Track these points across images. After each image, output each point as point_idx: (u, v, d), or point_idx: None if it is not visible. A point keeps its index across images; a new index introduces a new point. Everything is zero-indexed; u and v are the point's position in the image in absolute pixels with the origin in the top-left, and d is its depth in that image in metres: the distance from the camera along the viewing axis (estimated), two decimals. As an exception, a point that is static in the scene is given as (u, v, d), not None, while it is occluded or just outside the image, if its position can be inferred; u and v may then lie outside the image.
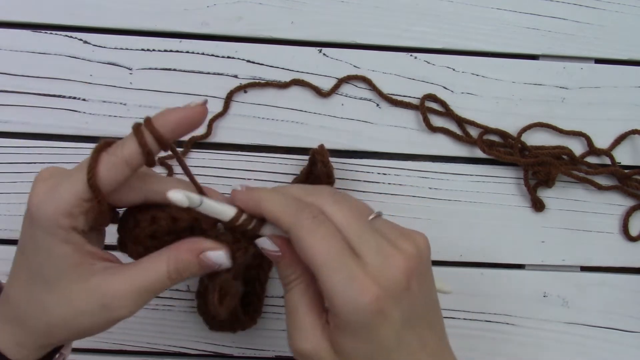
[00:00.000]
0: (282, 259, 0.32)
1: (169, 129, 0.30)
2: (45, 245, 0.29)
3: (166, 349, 0.51)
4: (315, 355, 0.31)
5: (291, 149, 0.52)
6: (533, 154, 0.52)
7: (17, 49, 0.51)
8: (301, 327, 0.31)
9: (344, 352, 0.30)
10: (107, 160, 0.29)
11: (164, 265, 0.31)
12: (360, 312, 0.28)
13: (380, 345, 0.29)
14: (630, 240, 0.53)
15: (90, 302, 0.30)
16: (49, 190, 0.29)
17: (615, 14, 0.54)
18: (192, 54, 0.51)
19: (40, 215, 0.29)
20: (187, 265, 0.32)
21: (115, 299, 0.30)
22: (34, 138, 0.50)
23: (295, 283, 0.32)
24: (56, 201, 0.29)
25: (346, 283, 0.28)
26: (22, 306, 0.31)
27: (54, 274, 0.30)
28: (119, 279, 0.31)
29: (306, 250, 0.29)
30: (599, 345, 0.52)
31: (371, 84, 0.52)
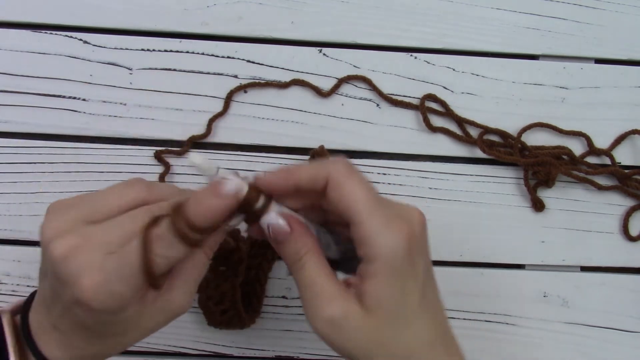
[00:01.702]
0: (291, 234, 0.32)
1: (206, 220, 0.30)
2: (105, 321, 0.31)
3: (166, 348, 0.51)
4: (345, 318, 0.31)
5: (291, 149, 0.52)
6: (533, 154, 0.52)
7: (17, 49, 0.51)
8: (326, 295, 0.31)
9: (373, 304, 0.31)
10: (158, 262, 0.30)
11: (202, 254, 0.33)
12: (398, 249, 0.30)
13: (410, 290, 0.31)
14: (630, 240, 0.53)
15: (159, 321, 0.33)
16: (105, 291, 0.29)
17: (615, 14, 0.54)
18: (192, 54, 0.51)
19: (106, 309, 0.29)
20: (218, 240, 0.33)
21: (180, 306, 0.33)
22: (34, 138, 0.50)
23: (309, 255, 0.32)
24: (118, 301, 0.30)
25: (384, 224, 0.30)
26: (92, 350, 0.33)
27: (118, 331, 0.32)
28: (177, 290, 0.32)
29: (348, 193, 0.30)
30: (599, 345, 0.52)
31: (371, 84, 0.52)
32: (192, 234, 0.29)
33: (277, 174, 0.32)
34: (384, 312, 0.31)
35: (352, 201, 0.30)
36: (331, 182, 0.31)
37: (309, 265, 0.32)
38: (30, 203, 0.50)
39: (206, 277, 0.47)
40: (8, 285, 0.50)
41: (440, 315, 0.34)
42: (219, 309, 0.47)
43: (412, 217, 0.32)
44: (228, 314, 0.48)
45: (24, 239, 0.50)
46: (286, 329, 0.51)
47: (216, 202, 0.30)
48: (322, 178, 0.31)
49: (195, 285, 0.33)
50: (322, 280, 0.32)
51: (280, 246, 0.33)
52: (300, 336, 0.51)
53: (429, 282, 0.33)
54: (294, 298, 0.51)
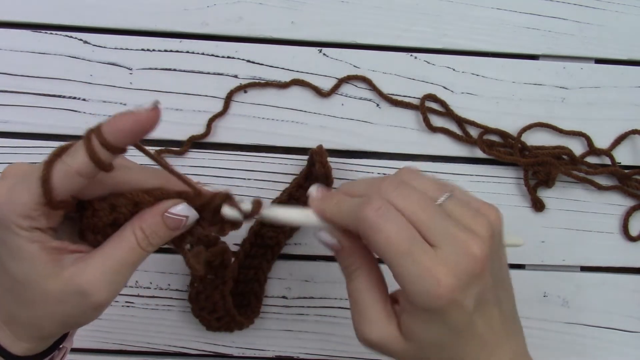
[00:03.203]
0: (342, 251, 0.33)
1: (120, 136, 0.29)
2: (14, 246, 0.29)
3: (166, 349, 0.51)
4: (384, 344, 0.31)
5: (291, 149, 0.52)
6: (533, 154, 0.52)
7: (17, 49, 0.51)
8: (367, 317, 0.32)
9: (413, 337, 0.31)
10: (60, 169, 0.29)
11: (131, 236, 0.31)
12: (434, 301, 0.28)
13: (452, 329, 0.30)
14: (630, 240, 0.53)
15: (67, 294, 0.30)
16: (8, 192, 0.29)
17: (615, 14, 0.54)
18: (192, 54, 0.51)
19: (3, 218, 0.29)
20: (155, 229, 0.31)
21: (91, 284, 0.30)
22: (34, 138, 0.50)
23: (357, 273, 0.33)
24: (14, 204, 0.29)
25: (421, 274, 0.28)
26: (8, 305, 0.31)
27: (28, 272, 0.30)
28: (90, 265, 0.30)
29: (376, 244, 0.29)
30: (599, 345, 0.52)
31: (371, 84, 0.52)
32: (99, 149, 0.28)
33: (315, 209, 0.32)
34: (419, 343, 0.31)
35: (382, 251, 0.29)
36: (362, 234, 0.30)
37: (357, 282, 0.33)
38: (30, 203, 0.50)
39: (197, 288, 0.48)
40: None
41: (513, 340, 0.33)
42: (213, 317, 0.48)
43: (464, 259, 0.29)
44: (224, 320, 0.48)
45: (24, 239, 0.50)
46: (286, 329, 0.51)
47: (132, 117, 0.28)
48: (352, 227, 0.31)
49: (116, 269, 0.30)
50: (367, 301, 0.32)
51: (336, 257, 0.33)
52: (300, 336, 0.51)
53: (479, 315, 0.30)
54: (294, 298, 0.51)
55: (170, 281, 0.51)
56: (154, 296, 0.51)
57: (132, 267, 0.31)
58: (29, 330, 0.32)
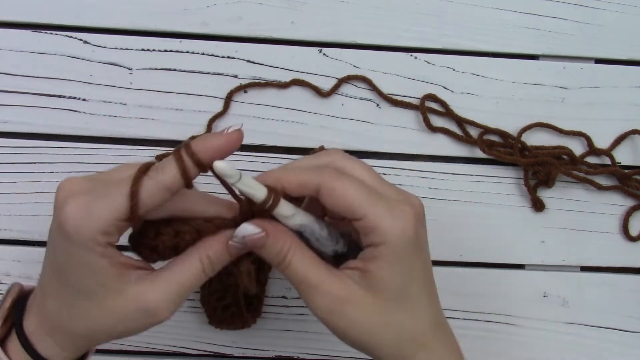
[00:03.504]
0: (268, 237, 0.32)
1: (208, 155, 0.30)
2: (83, 261, 0.30)
3: (166, 348, 0.51)
4: (347, 301, 0.31)
5: (291, 148, 0.52)
6: (533, 154, 0.52)
7: (17, 49, 0.51)
8: (323, 283, 0.32)
9: (378, 285, 0.31)
10: (148, 185, 0.30)
11: (198, 263, 0.32)
12: (404, 233, 0.31)
13: (414, 270, 0.32)
14: (630, 240, 0.53)
15: (130, 311, 0.31)
16: (86, 209, 0.30)
17: (615, 14, 0.54)
18: (192, 54, 0.51)
19: (80, 234, 0.29)
20: (219, 256, 0.33)
21: (157, 304, 0.31)
22: (34, 138, 0.50)
23: (292, 251, 0.32)
24: (95, 221, 0.29)
25: (387, 210, 0.31)
26: (63, 317, 0.32)
27: (93, 287, 0.31)
28: (157, 285, 0.32)
29: (341, 195, 0.31)
30: (599, 345, 0.52)
31: (371, 84, 0.52)
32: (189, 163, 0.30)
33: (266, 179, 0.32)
34: (389, 292, 0.31)
35: (349, 200, 0.31)
36: (323, 190, 0.31)
37: (295, 260, 0.32)
38: (30, 203, 0.50)
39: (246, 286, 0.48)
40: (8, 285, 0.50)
41: (438, 301, 0.35)
42: (220, 305, 0.47)
43: (413, 201, 0.33)
44: (230, 310, 0.48)
45: (24, 239, 0.50)
46: (286, 329, 0.51)
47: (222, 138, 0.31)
48: (311, 186, 0.31)
49: (181, 290, 0.32)
50: (314, 271, 0.32)
51: (261, 251, 0.32)
52: (300, 336, 0.51)
53: (430, 267, 0.34)
54: (294, 298, 0.51)
55: (170, 281, 0.51)
56: (154, 296, 0.51)
57: (193, 289, 0.33)
58: (79, 342, 0.33)
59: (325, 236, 0.34)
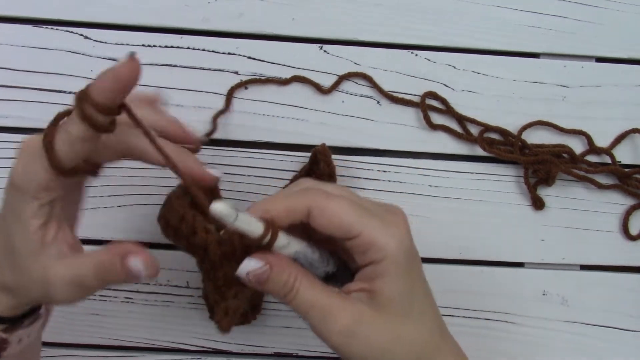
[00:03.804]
0: (272, 270, 0.31)
1: (107, 95, 0.29)
2: (19, 214, 0.31)
3: (164, 344, 0.51)
4: (359, 323, 0.31)
5: (292, 145, 0.52)
6: (533, 152, 0.51)
7: (18, 44, 0.51)
8: (333, 309, 0.31)
9: (385, 302, 0.31)
10: (62, 138, 0.30)
11: (91, 267, 0.31)
12: (402, 246, 0.31)
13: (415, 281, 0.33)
14: (630, 239, 0.53)
15: (37, 278, 0.32)
16: (24, 167, 0.30)
17: (616, 12, 0.54)
18: (193, 50, 0.51)
19: (22, 186, 0.30)
20: (110, 268, 0.31)
21: (52, 284, 0.31)
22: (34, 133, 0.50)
23: (299, 281, 0.31)
24: (30, 179, 0.30)
25: (382, 227, 0.31)
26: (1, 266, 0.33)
27: (19, 242, 0.31)
28: (58, 266, 0.32)
29: (333, 214, 0.31)
30: (599, 344, 0.52)
31: (372, 81, 0.52)
32: (91, 112, 0.29)
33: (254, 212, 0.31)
34: (396, 307, 0.31)
35: (343, 220, 0.31)
36: (314, 212, 0.31)
37: (303, 289, 0.31)
38: (29, 198, 0.50)
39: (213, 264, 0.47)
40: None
41: (437, 307, 0.35)
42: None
43: (400, 215, 0.33)
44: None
45: (24, 234, 0.50)
46: (285, 326, 0.51)
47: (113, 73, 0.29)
48: (300, 210, 0.31)
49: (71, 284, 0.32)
50: (323, 298, 0.31)
51: (267, 285, 0.31)
52: (299, 333, 0.51)
53: (424, 276, 0.34)
54: (294, 295, 0.51)
55: (170, 277, 0.51)
56: (153, 292, 0.51)
57: (87, 290, 0.32)
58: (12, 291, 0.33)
59: (317, 259, 0.33)
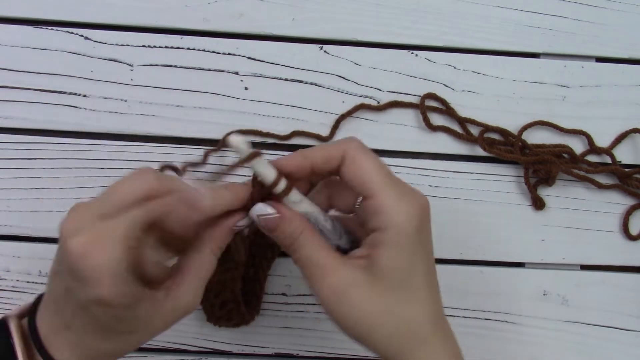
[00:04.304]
0: (281, 219, 0.33)
1: None
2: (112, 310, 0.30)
3: (165, 345, 0.51)
4: (351, 285, 0.32)
5: (291, 145, 0.52)
6: (534, 152, 0.52)
7: (18, 45, 0.51)
8: (329, 265, 0.32)
9: (381, 271, 0.32)
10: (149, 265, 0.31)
11: (212, 256, 0.34)
12: (411, 221, 0.31)
13: (418, 260, 0.32)
14: (630, 239, 0.53)
15: (169, 321, 0.33)
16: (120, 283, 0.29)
17: (616, 12, 0.54)
18: (193, 51, 0.51)
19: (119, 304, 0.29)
20: (225, 241, 0.35)
21: (189, 305, 0.33)
22: (35, 134, 0.50)
23: (304, 235, 0.33)
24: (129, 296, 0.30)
25: (398, 195, 0.32)
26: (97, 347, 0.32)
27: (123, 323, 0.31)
28: (186, 289, 0.33)
29: (361, 168, 0.32)
30: (599, 343, 0.52)
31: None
32: (174, 242, 0.32)
33: (294, 157, 0.33)
34: (392, 279, 0.32)
35: (367, 175, 0.32)
36: (346, 159, 0.32)
37: (306, 243, 0.33)
38: (30, 199, 0.50)
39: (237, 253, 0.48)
40: (8, 281, 0.50)
41: (439, 296, 0.35)
42: (218, 301, 0.47)
43: (421, 199, 0.33)
44: (227, 307, 0.48)
45: (25, 235, 0.50)
46: (286, 326, 0.51)
47: (191, 214, 0.31)
48: (336, 156, 0.33)
49: (203, 283, 0.34)
50: (323, 254, 0.33)
51: (273, 233, 0.33)
52: (300, 333, 0.51)
53: (433, 262, 0.34)
54: (294, 295, 0.51)
55: (170, 278, 0.51)
56: (153, 293, 0.51)
57: None
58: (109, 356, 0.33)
59: (329, 229, 0.34)
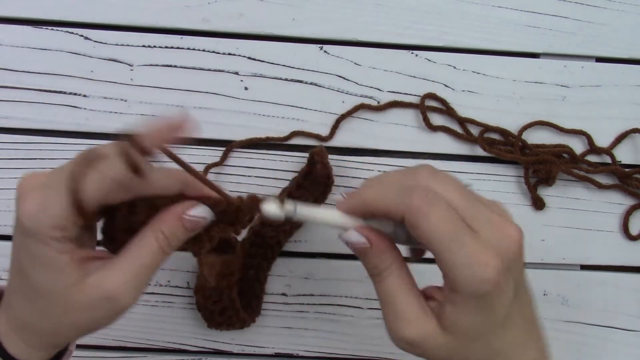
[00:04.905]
0: (371, 249, 0.32)
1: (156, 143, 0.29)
2: (41, 257, 0.29)
3: (166, 345, 0.51)
4: (424, 340, 0.31)
5: (291, 146, 0.52)
6: (534, 152, 0.52)
7: (18, 45, 0.51)
8: (405, 315, 0.31)
9: (456, 329, 0.30)
10: (93, 178, 0.29)
11: (154, 242, 0.31)
12: (482, 285, 0.28)
13: (493, 317, 0.30)
14: (630, 239, 0.53)
15: (92, 301, 0.30)
16: (40, 204, 0.29)
17: (616, 12, 0.54)
18: (193, 51, 0.51)
19: (34, 229, 0.29)
20: (174, 230, 0.31)
21: (117, 289, 0.30)
22: (35, 134, 0.50)
23: (389, 272, 0.32)
24: (46, 216, 0.29)
25: (469, 258, 0.28)
26: (26, 314, 0.31)
27: (53, 284, 0.30)
28: (115, 270, 0.31)
29: (425, 231, 0.29)
30: (599, 343, 0.52)
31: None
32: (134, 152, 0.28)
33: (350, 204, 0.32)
34: (463, 334, 0.31)
35: (430, 237, 0.29)
36: (408, 220, 0.29)
37: (389, 280, 0.32)
38: (30, 199, 0.50)
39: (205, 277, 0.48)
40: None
41: (539, 338, 0.33)
42: (217, 308, 0.48)
43: (504, 242, 0.30)
44: (227, 314, 0.48)
45: (24, 235, 0.50)
46: (286, 326, 0.51)
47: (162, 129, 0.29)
48: (396, 214, 0.30)
49: (140, 274, 0.31)
50: (403, 297, 0.31)
51: (362, 259, 0.32)
52: (300, 333, 0.51)
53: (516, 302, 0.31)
54: (294, 295, 0.51)
55: (170, 277, 0.51)
56: (154, 292, 0.51)
57: (154, 269, 0.32)
58: (46, 339, 0.32)
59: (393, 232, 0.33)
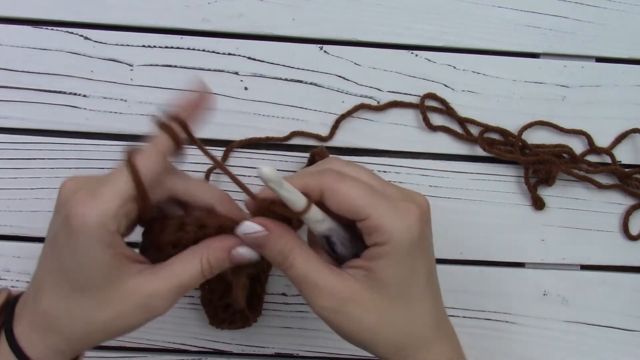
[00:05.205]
0: (271, 235, 0.32)
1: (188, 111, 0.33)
2: (88, 252, 0.30)
3: (166, 345, 0.51)
4: (350, 300, 0.31)
5: (291, 146, 0.52)
6: (534, 152, 0.52)
7: (18, 45, 0.51)
8: (324, 284, 0.32)
9: (381, 282, 0.31)
10: (144, 157, 0.31)
11: (198, 264, 0.32)
12: (407, 232, 0.31)
13: (417, 269, 0.32)
14: (630, 239, 0.53)
15: (130, 304, 0.31)
16: (90, 198, 0.30)
17: (616, 12, 0.54)
18: (193, 51, 0.51)
19: (87, 224, 0.29)
20: (220, 262, 0.33)
21: (154, 298, 0.31)
22: (34, 134, 0.50)
23: (295, 252, 0.32)
24: (102, 206, 0.29)
25: (391, 210, 0.31)
26: (59, 314, 0.31)
27: (93, 278, 0.30)
28: (156, 280, 0.32)
29: (344, 196, 0.31)
30: (599, 343, 0.52)
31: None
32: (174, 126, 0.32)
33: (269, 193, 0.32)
34: (392, 291, 0.31)
35: (352, 202, 0.31)
36: (326, 193, 0.31)
37: (298, 261, 0.32)
38: (30, 199, 0.50)
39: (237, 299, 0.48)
40: (8, 281, 0.50)
41: (441, 301, 0.35)
42: (222, 304, 0.47)
43: (418, 199, 0.33)
44: (231, 310, 0.48)
45: (24, 235, 0.50)
46: (286, 326, 0.51)
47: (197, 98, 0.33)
48: (315, 190, 0.32)
49: (178, 290, 0.32)
50: (317, 271, 0.32)
51: (263, 250, 0.33)
52: (300, 333, 0.51)
53: (433, 266, 0.34)
54: (294, 295, 0.51)
55: (170, 278, 0.51)
56: (153, 293, 0.51)
57: (190, 289, 0.33)
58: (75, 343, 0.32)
59: (349, 239, 0.34)
